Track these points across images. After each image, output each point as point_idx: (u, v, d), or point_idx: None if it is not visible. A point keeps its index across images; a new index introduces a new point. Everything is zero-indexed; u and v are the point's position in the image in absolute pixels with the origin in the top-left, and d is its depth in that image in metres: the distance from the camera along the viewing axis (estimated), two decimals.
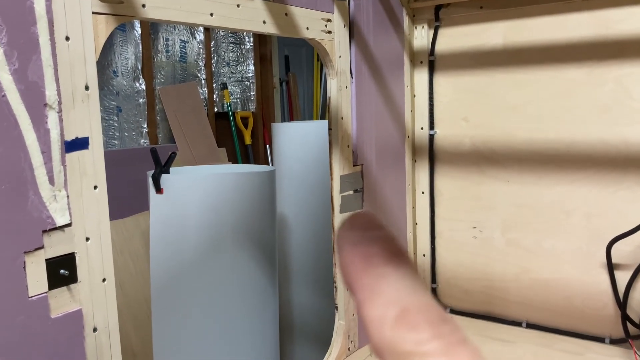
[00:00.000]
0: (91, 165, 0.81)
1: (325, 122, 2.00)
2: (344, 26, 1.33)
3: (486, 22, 1.50)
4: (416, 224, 1.68)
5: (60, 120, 0.77)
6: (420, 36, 1.61)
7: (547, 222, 1.47)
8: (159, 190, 1.62)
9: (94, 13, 0.81)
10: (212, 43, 3.14)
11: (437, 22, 1.57)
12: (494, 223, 1.55)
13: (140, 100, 2.72)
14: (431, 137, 1.63)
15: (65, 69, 0.77)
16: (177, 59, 2.92)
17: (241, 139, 3.33)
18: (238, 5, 1.04)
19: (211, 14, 0.99)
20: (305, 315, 2.16)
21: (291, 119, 3.81)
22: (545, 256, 1.48)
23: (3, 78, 0.70)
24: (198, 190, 1.60)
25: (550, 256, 1.47)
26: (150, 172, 1.62)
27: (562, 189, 1.44)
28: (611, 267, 1.37)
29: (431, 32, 1.59)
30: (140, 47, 2.72)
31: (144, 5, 0.88)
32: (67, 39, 0.78)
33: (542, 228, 1.48)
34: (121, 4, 0.85)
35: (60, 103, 0.77)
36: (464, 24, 1.54)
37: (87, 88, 0.80)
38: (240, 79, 3.33)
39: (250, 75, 3.34)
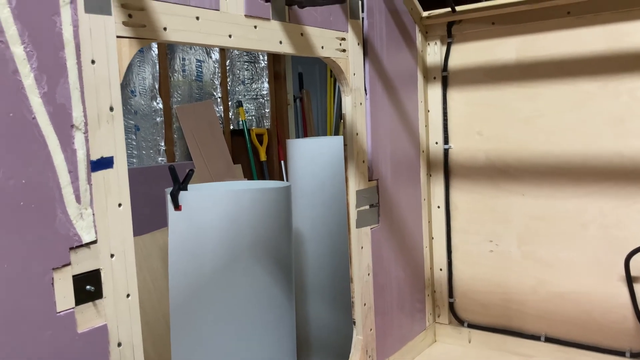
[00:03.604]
0: (116, 183, 0.84)
1: (339, 138, 2.02)
2: (358, 44, 1.35)
3: (498, 38, 1.52)
4: (432, 238, 1.69)
5: (87, 140, 0.80)
6: (433, 52, 1.63)
7: (563, 234, 1.47)
8: (177, 207, 1.65)
9: (118, 37, 0.84)
10: (228, 62, 3.20)
11: (449, 38, 1.59)
12: (509, 236, 1.55)
13: (158, 119, 2.77)
14: (446, 151, 1.64)
15: (91, 91, 0.80)
16: (194, 78, 2.98)
17: (256, 155, 3.37)
18: (255, 27, 1.07)
19: (229, 36, 1.02)
20: (322, 330, 2.16)
21: (305, 135, 3.84)
22: (562, 269, 1.48)
23: (33, 101, 0.73)
24: (215, 206, 1.63)
25: (568, 269, 1.47)
26: (169, 190, 1.65)
27: (578, 201, 1.44)
28: (630, 280, 1.37)
29: (444, 48, 1.61)
30: (158, 67, 2.77)
31: (165, 29, 0.91)
32: (93, 62, 0.81)
33: (559, 241, 1.48)
34: (144, 27, 0.88)
35: (86, 124, 0.80)
36: (477, 40, 1.56)
37: (111, 109, 0.83)
38: (255, 96, 3.38)
39: (264, 92, 3.39)
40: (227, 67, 3.22)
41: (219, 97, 3.16)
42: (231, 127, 3.25)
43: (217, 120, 3.09)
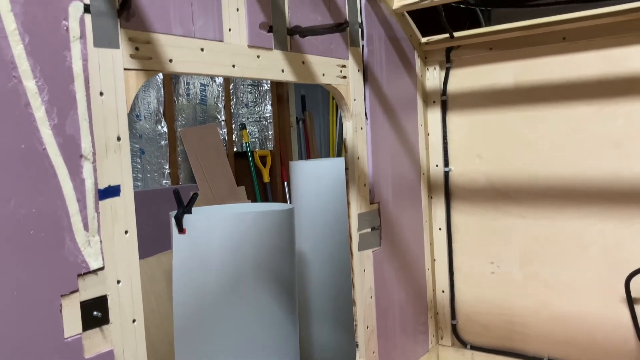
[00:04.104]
0: (122, 211, 0.86)
1: (341, 160, 2.05)
2: (358, 71, 1.38)
3: (496, 63, 1.55)
4: (434, 260, 1.70)
5: (95, 169, 0.82)
6: (432, 77, 1.66)
7: (564, 256, 1.48)
8: (181, 230, 1.67)
9: (125, 69, 0.87)
10: (231, 86, 3.24)
11: (448, 63, 1.63)
12: (511, 258, 1.57)
13: (162, 142, 2.80)
14: (446, 174, 1.66)
15: (99, 122, 0.83)
16: (198, 101, 3.02)
17: (260, 177, 3.39)
18: (258, 56, 1.10)
19: (233, 65, 1.05)
20: (325, 352, 2.16)
21: (308, 156, 3.87)
22: (564, 290, 1.49)
23: (44, 133, 0.76)
24: (219, 229, 1.64)
25: (569, 290, 1.48)
26: (173, 213, 1.67)
27: (578, 223, 1.45)
28: (631, 301, 1.37)
29: (443, 73, 1.64)
30: (162, 91, 2.82)
31: (171, 60, 0.94)
32: (101, 94, 0.84)
33: (560, 262, 1.49)
34: (150, 59, 0.91)
35: (94, 154, 0.82)
36: (475, 65, 1.59)
37: (118, 139, 0.86)
38: (258, 119, 3.42)
39: (268, 115, 3.43)
40: (231, 91, 3.27)
41: (223, 120, 3.20)
42: (235, 150, 3.28)
43: (221, 143, 3.12)
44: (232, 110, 3.27)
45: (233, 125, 3.27)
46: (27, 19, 0.74)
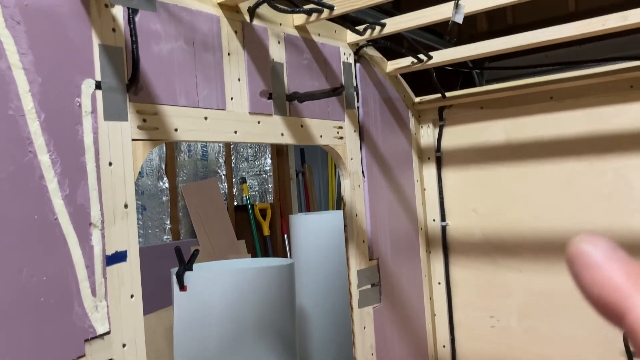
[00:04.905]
0: (129, 276, 0.89)
1: (341, 213, 2.09)
2: (355, 131, 1.44)
3: (487, 121, 1.61)
4: (434, 314, 1.71)
5: (103, 236, 0.86)
6: (427, 134, 1.72)
7: (562, 309, 1.49)
8: (182, 287, 1.69)
9: (133, 140, 0.92)
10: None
11: (441, 121, 1.69)
12: (510, 311, 1.58)
13: (164, 198, 2.85)
14: (443, 228, 1.69)
15: (108, 190, 0.87)
16: (199, 157, 3.09)
17: (260, 230, 3.42)
18: (259, 122, 1.15)
19: (235, 132, 1.10)
20: None
21: (308, 208, 3.91)
22: (563, 344, 1.49)
23: (56, 203, 0.80)
24: (220, 286, 1.66)
25: (568, 344, 1.49)
26: (174, 269, 1.69)
27: None
28: (630, 355, 1.38)
29: (436, 131, 1.70)
30: (164, 148, 2.89)
31: (176, 129, 0.99)
32: (110, 164, 0.88)
33: (558, 316, 1.50)
34: (157, 130, 0.96)
35: (102, 221, 0.86)
36: (467, 123, 1.65)
37: (126, 206, 0.90)
38: (258, 172, 3.48)
39: (267, 168, 3.49)
40: (232, 146, 3.34)
41: (224, 175, 3.25)
42: (235, 203, 3.32)
43: (221, 197, 3.17)
44: (233, 165, 3.34)
45: (233, 179, 3.32)
46: (43, 98, 0.79)
